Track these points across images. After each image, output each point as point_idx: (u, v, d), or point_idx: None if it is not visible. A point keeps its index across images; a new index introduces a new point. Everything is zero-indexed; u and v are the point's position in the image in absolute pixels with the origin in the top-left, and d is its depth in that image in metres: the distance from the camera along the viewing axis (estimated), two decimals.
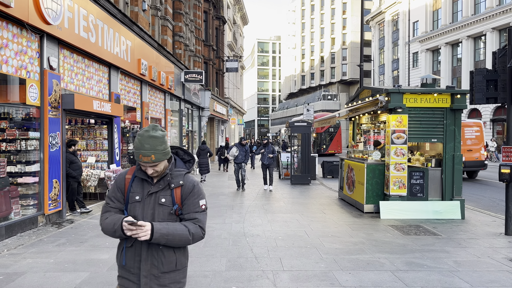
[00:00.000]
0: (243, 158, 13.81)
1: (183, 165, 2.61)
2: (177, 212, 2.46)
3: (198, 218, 2.46)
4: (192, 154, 2.52)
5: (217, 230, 7.70)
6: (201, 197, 2.53)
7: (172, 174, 2.48)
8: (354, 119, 12.39)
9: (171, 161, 2.52)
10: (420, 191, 9.37)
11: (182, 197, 2.47)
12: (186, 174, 2.54)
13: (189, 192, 2.48)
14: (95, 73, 10.51)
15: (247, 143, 13.94)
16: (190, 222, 2.43)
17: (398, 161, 9.15)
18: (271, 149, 13.88)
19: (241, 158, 13.79)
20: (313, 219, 8.91)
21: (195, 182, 2.53)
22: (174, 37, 19.66)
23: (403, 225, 8.33)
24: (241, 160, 13.80)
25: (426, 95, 9.27)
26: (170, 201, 2.45)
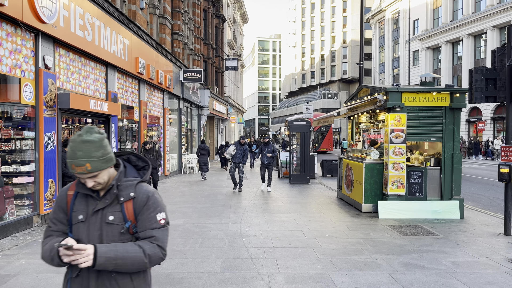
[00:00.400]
0: (241, 157, 13.18)
1: (135, 173, 2.19)
2: (132, 230, 2.06)
3: (155, 236, 2.05)
4: (147, 160, 2.24)
5: (213, 230, 7.64)
6: (159, 210, 2.12)
7: (121, 186, 2.07)
8: (353, 118, 12.32)
9: (120, 169, 2.10)
10: (419, 190, 9.30)
11: (135, 212, 2.06)
12: (139, 184, 2.12)
13: (143, 205, 2.07)
14: (92, 72, 10.44)
15: (246, 142, 13.41)
16: (146, 242, 2.03)
17: (397, 160, 9.08)
18: (271, 149, 13.40)
19: (239, 158, 13.17)
20: (311, 219, 8.85)
21: (149, 193, 2.11)
22: (173, 36, 19.59)
23: (402, 225, 8.26)
24: (239, 160, 13.18)
25: (425, 93, 9.19)
26: (120, 218, 2.04)
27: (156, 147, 11.89)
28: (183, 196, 12.14)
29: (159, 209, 2.12)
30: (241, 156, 13.18)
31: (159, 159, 11.82)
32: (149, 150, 11.68)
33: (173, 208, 10.00)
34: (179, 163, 19.85)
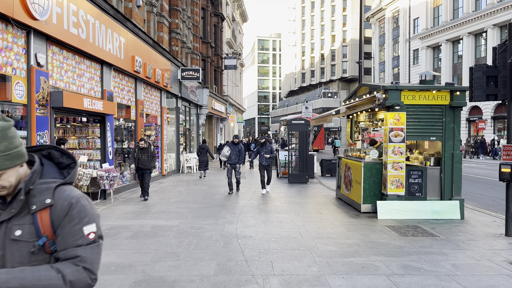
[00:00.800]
0: (237, 158, 12.52)
1: (57, 173, 1.69)
2: (49, 248, 1.60)
3: (81, 255, 1.59)
4: (74, 156, 1.76)
5: (208, 231, 7.49)
6: (87, 221, 1.62)
7: (34, 190, 1.59)
8: (352, 117, 12.16)
9: (34, 168, 1.62)
10: (418, 190, 9.15)
11: (53, 225, 1.59)
12: (59, 188, 1.62)
13: (64, 215, 1.59)
14: (87, 70, 10.29)
15: (240, 141, 12.49)
16: (68, 264, 1.57)
17: (396, 159, 8.93)
18: (269, 149, 12.53)
19: (235, 159, 12.49)
20: (309, 219, 8.70)
21: (73, 199, 1.61)
22: (171, 34, 19.42)
23: (401, 225, 8.11)
24: (234, 161, 12.50)
25: (425, 92, 9.04)
26: (31, 233, 1.58)
27: (151, 148, 11.19)
28: (180, 196, 11.99)
29: (87, 220, 1.62)
30: (237, 157, 12.53)
31: (153, 161, 11.13)
32: (144, 150, 11.09)
33: (169, 208, 9.85)
34: (177, 163, 19.70)
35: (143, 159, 11.00)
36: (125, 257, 5.87)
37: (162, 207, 10.00)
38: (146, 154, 11.07)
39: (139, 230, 7.55)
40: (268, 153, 12.49)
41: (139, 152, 11.10)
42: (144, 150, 11.11)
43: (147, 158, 11.07)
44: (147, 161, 11.06)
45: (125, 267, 5.43)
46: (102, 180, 10.42)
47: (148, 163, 11.07)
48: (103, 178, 10.38)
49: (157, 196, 11.86)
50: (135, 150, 11.12)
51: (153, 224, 8.10)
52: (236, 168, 12.59)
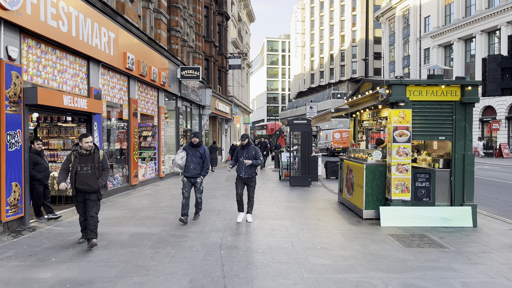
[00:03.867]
0: (198, 168, 8.44)
1: None
2: None
3: None
4: None
5: (191, 241, 6.78)
6: None
7: None
8: (355, 116, 11.37)
9: None
10: (426, 195, 8.33)
11: None
12: None
13: None
14: (70, 66, 9.67)
15: (201, 141, 8.63)
16: None
17: (401, 161, 8.13)
18: (252, 154, 8.37)
19: (194, 169, 8.38)
20: (305, 226, 7.94)
21: None
22: (171, 32, 18.81)
23: (406, 234, 7.32)
24: (194, 172, 8.39)
25: (433, 87, 8.23)
26: None
27: (100, 154, 6.48)
28: (172, 199, 11.31)
29: None
30: (198, 166, 8.43)
31: (103, 176, 6.48)
32: (86, 157, 6.36)
33: (156, 214, 9.17)
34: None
35: (84, 173, 6.31)
36: (88, 272, 5.18)
37: (149, 212, 9.32)
38: (91, 165, 6.36)
39: (115, 239, 6.87)
40: (251, 159, 8.35)
41: (78, 161, 6.35)
42: (86, 159, 6.37)
43: (93, 172, 6.35)
44: (91, 177, 6.33)
45: (83, 284, 4.75)
46: None
47: (94, 180, 6.35)
48: None
49: (148, 200, 11.21)
50: (70, 157, 6.42)
51: (133, 231, 7.42)
52: (197, 184, 8.51)
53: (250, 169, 8.37)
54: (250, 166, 8.29)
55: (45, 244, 6.48)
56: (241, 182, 8.48)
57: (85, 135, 6.42)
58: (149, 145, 15.98)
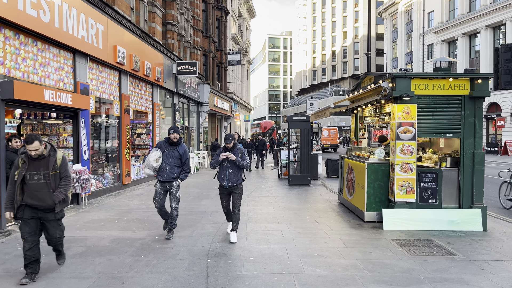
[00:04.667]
0: (176, 171, 6.78)
1: None
2: None
3: None
4: None
5: (176, 247, 6.23)
6: None
7: None
8: (356, 112, 10.79)
9: None
10: (432, 196, 7.76)
11: None
12: None
13: None
14: (54, 59, 9.12)
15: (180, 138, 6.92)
16: None
17: (405, 160, 7.56)
18: (237, 155, 6.68)
19: (169, 172, 6.71)
20: (302, 230, 7.38)
21: None
22: (166, 26, 18.24)
23: (411, 239, 6.75)
24: (169, 176, 6.72)
25: (440, 80, 7.65)
26: None
27: (58, 157, 4.87)
28: None
29: None
30: (175, 168, 6.74)
31: (62, 185, 4.87)
32: (38, 162, 4.73)
33: (144, 216, 8.62)
34: None
35: (35, 184, 4.72)
36: (55, 285, 4.64)
37: (138, 214, 8.77)
38: (44, 172, 4.74)
39: (95, 245, 6.33)
40: (233, 165, 6.65)
41: (26, 167, 4.71)
42: (37, 164, 4.74)
43: (46, 182, 4.74)
44: (44, 189, 4.74)
45: None
46: (73, 183, 9.23)
47: (48, 193, 4.75)
48: (73, 181, 9.20)
49: (138, 201, 10.67)
50: (18, 163, 4.78)
51: (116, 236, 6.87)
52: (172, 190, 6.78)
53: (234, 175, 6.62)
54: (235, 172, 6.63)
55: (17, 251, 5.93)
56: (225, 193, 6.79)
57: (29, 139, 4.56)
58: (143, 143, 15.44)
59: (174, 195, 6.82)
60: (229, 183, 6.63)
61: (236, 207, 6.66)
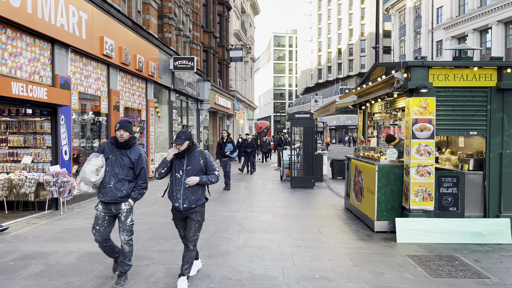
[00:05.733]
0: (125, 187, 4.57)
1: None
2: None
3: None
4: None
5: (153, 265, 5.27)
6: None
7: None
8: (364, 108, 9.78)
9: None
10: (453, 203, 6.75)
11: None
12: None
13: None
14: (27, 49, 8.20)
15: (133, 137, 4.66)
16: None
17: (422, 162, 6.55)
18: (197, 166, 4.57)
19: (115, 189, 4.52)
20: (302, 243, 6.40)
21: None
22: (163, 19, 17.30)
23: (430, 255, 5.74)
24: (115, 194, 4.52)
25: (462, 69, 6.63)
26: None
27: None
28: (153, 205, 9.81)
29: None
30: (123, 183, 4.56)
31: None
32: None
33: None
34: None
35: None
36: None
37: None
38: None
39: (58, 262, 5.38)
40: (195, 174, 4.56)
41: None
42: None
43: None
44: None
45: None
46: (49, 187, 8.33)
47: None
48: (50, 184, 8.29)
49: None
50: None
51: (85, 250, 5.93)
52: (121, 215, 4.60)
53: (193, 191, 4.50)
54: (195, 187, 4.50)
55: None
56: (179, 219, 4.64)
57: None
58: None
59: (123, 222, 4.55)
60: (185, 203, 4.46)
61: (191, 240, 4.52)
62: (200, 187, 4.60)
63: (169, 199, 4.63)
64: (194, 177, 4.46)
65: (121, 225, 4.59)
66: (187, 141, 4.48)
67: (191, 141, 4.58)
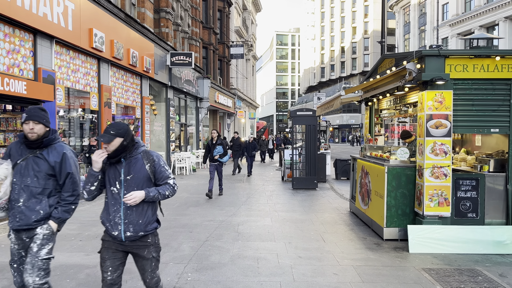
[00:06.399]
0: (44, 206, 3.17)
1: None
2: None
3: None
4: None
5: (132, 280, 4.62)
6: None
7: None
8: (371, 104, 9.09)
9: None
10: (471, 209, 6.06)
11: None
12: None
13: None
14: (5, 40, 7.56)
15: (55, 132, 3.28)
16: None
17: (437, 162, 5.87)
18: (142, 175, 3.10)
19: (27, 209, 3.12)
20: (304, 253, 5.72)
21: None
22: (160, 13, 16.64)
23: (448, 268, 5.06)
24: (29, 218, 3.13)
25: (483, 59, 5.94)
26: None
27: None
28: None
29: None
30: (39, 200, 3.17)
31: None
32: None
33: None
34: (167, 163, 16.90)
35: None
36: None
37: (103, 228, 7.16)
38: None
39: None
40: (138, 187, 3.08)
41: None
42: None
43: None
44: None
45: None
46: None
47: None
48: None
49: None
50: None
51: (61, 262, 5.27)
52: (33, 243, 3.16)
53: (139, 213, 3.10)
54: (139, 206, 3.09)
55: None
56: (114, 253, 3.18)
57: None
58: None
59: (34, 254, 3.12)
60: (128, 230, 3.06)
61: (152, 285, 3.26)
62: (149, 204, 3.11)
63: (103, 225, 3.13)
64: (136, 191, 2.98)
65: (30, 259, 3.08)
66: (118, 138, 2.98)
67: (128, 137, 3.04)
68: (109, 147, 2.99)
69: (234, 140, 18.14)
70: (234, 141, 18.11)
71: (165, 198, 3.14)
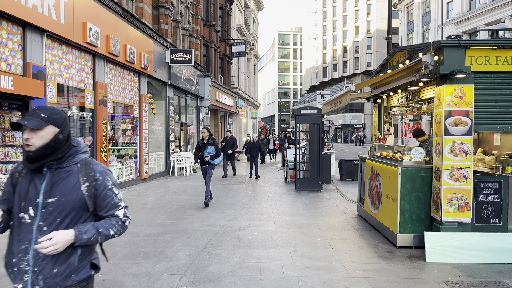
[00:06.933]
0: None
1: None
2: None
3: None
4: None
5: None
6: None
7: None
8: (380, 101, 8.59)
9: None
10: (494, 214, 5.56)
11: None
12: None
13: None
14: None
15: None
16: None
17: (457, 163, 5.36)
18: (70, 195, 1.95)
19: None
20: (311, 262, 5.23)
21: None
22: (159, 9, 16.17)
23: (472, 281, 4.56)
24: None
25: (506, 51, 5.44)
26: None
27: None
28: (141, 211, 8.68)
29: None
30: None
31: None
32: None
33: None
34: (166, 163, 16.45)
35: None
36: None
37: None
38: None
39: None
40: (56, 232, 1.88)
41: None
42: None
43: None
44: None
45: None
46: None
47: None
48: None
49: None
50: None
51: None
52: None
53: (55, 259, 1.93)
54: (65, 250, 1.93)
55: None
56: None
57: None
58: (129, 141, 13.40)
59: None
60: (36, 285, 1.91)
61: None
62: (77, 248, 1.99)
63: (5, 269, 1.99)
64: (60, 232, 1.89)
65: None
66: (52, 126, 1.95)
67: (66, 130, 2.02)
68: (34, 138, 1.90)
69: (226, 140, 15.61)
70: (226, 141, 15.59)
71: (110, 238, 2.06)
